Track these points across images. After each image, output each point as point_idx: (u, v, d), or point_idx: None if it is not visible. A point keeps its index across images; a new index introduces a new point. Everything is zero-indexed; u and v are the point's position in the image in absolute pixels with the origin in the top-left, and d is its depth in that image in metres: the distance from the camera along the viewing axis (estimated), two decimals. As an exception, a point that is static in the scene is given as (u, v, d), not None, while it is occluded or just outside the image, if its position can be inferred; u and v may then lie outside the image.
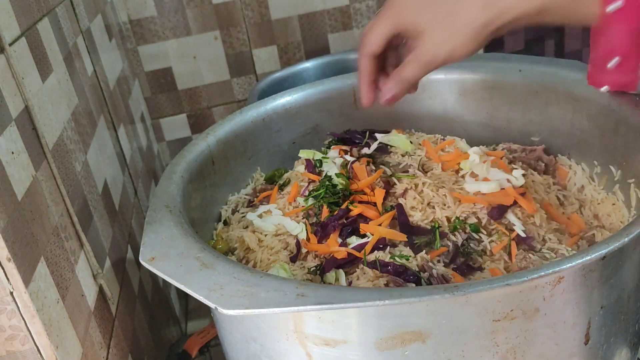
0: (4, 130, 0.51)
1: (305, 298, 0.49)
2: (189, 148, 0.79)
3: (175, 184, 0.71)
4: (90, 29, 0.95)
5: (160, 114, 1.39)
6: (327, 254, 0.67)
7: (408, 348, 0.53)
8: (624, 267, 0.56)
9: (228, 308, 0.50)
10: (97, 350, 0.62)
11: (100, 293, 0.67)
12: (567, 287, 0.53)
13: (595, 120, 0.76)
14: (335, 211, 0.71)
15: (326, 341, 0.55)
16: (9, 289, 0.48)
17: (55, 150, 0.63)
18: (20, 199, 0.51)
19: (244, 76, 1.39)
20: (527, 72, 0.84)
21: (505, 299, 0.52)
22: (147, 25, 1.31)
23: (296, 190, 0.77)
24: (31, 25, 0.65)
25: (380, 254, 0.64)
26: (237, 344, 0.64)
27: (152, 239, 0.60)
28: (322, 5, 1.35)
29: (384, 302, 0.48)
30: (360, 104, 0.72)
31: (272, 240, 0.72)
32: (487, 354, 0.54)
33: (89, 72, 0.86)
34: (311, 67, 1.25)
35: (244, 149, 0.86)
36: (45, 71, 0.66)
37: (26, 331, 0.50)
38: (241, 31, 1.35)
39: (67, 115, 0.70)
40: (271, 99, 0.89)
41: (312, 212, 0.74)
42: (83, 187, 0.70)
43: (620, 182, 0.73)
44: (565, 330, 0.55)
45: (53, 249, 0.56)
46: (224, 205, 0.83)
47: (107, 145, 0.87)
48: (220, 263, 0.55)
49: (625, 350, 0.62)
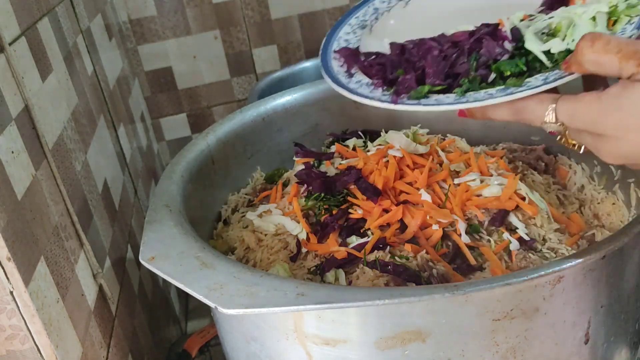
0: (4, 130, 0.51)
1: (305, 297, 0.49)
2: (189, 147, 0.79)
3: (175, 184, 0.71)
4: (90, 29, 0.95)
5: (160, 113, 1.39)
6: (327, 254, 0.67)
7: (408, 347, 0.53)
8: (624, 266, 0.56)
9: (228, 307, 0.50)
10: (97, 350, 0.62)
11: (100, 292, 0.67)
12: (567, 286, 0.53)
13: (595, 120, 0.76)
14: (335, 211, 0.71)
15: (326, 341, 0.55)
16: (8, 289, 0.48)
17: (55, 150, 0.63)
18: (20, 198, 0.51)
19: (244, 76, 1.39)
20: (527, 72, 0.84)
21: (505, 298, 0.52)
22: (147, 24, 1.31)
23: (296, 190, 0.77)
24: (31, 24, 0.65)
25: (380, 254, 0.64)
26: (237, 344, 0.64)
27: (152, 238, 0.60)
28: (322, 5, 1.35)
29: (384, 302, 0.48)
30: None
31: (272, 240, 0.72)
32: (487, 354, 0.54)
33: (89, 72, 0.86)
34: (311, 66, 1.25)
35: (243, 149, 0.86)
36: (45, 71, 0.66)
37: (26, 330, 0.50)
38: (241, 31, 1.35)
39: (67, 115, 0.70)
40: (271, 99, 0.89)
41: (312, 212, 0.74)
42: (83, 187, 0.70)
43: (620, 182, 0.73)
44: (565, 329, 0.55)
45: (53, 249, 0.56)
46: (224, 205, 0.83)
47: (107, 145, 0.87)
48: (220, 262, 0.55)
49: (625, 350, 0.62)
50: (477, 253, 0.66)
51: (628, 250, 0.56)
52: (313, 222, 0.72)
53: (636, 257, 0.58)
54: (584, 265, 0.51)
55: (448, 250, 0.65)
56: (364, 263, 0.64)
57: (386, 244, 0.65)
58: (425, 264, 0.63)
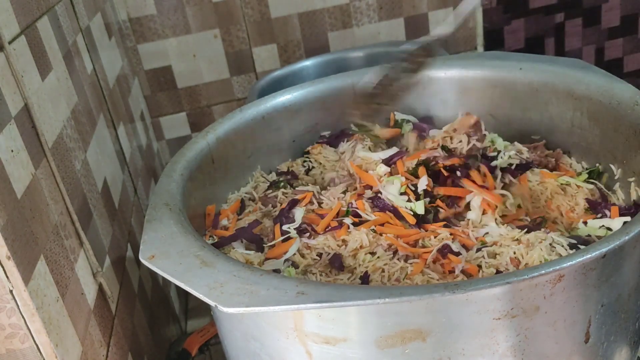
0: (4, 129, 0.51)
1: (305, 296, 0.49)
2: (189, 146, 0.79)
3: (175, 182, 0.71)
4: (90, 27, 0.95)
5: (160, 112, 1.39)
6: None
7: (408, 346, 0.53)
8: (625, 265, 0.56)
9: (228, 306, 0.50)
10: (96, 349, 0.62)
11: (100, 291, 0.67)
12: (568, 285, 0.53)
13: (596, 119, 0.76)
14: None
15: (326, 339, 0.55)
16: (8, 287, 0.48)
17: (55, 149, 0.63)
18: (19, 197, 0.51)
19: (244, 74, 1.39)
20: (527, 70, 0.84)
21: (505, 297, 0.52)
22: (146, 23, 1.31)
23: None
24: (31, 23, 0.65)
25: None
26: (237, 342, 0.64)
27: (152, 237, 0.60)
28: (322, 4, 1.35)
29: (384, 300, 0.48)
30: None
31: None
32: (487, 352, 0.54)
33: (88, 71, 0.86)
34: (311, 65, 1.25)
35: (243, 147, 0.86)
36: (44, 69, 0.66)
37: (26, 329, 0.50)
38: (241, 29, 1.35)
39: (67, 114, 0.70)
40: (271, 97, 0.89)
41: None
42: (83, 186, 0.70)
43: (620, 181, 0.73)
44: (565, 328, 0.55)
45: (53, 247, 0.56)
46: (224, 204, 0.83)
47: (107, 144, 0.87)
48: (221, 261, 0.55)
49: (625, 349, 0.62)
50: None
51: (628, 249, 0.56)
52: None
53: (636, 256, 0.58)
54: (584, 264, 0.51)
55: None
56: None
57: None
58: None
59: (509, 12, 1.45)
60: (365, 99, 0.76)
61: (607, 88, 0.74)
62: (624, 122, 0.71)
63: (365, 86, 0.76)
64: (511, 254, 0.63)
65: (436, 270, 0.63)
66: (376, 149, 0.85)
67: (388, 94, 0.75)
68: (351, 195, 0.76)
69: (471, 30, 1.44)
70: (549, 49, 1.50)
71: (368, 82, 0.75)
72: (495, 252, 0.64)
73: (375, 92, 0.75)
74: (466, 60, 0.90)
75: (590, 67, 0.80)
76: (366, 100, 0.75)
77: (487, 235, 0.67)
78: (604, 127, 0.75)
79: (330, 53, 1.30)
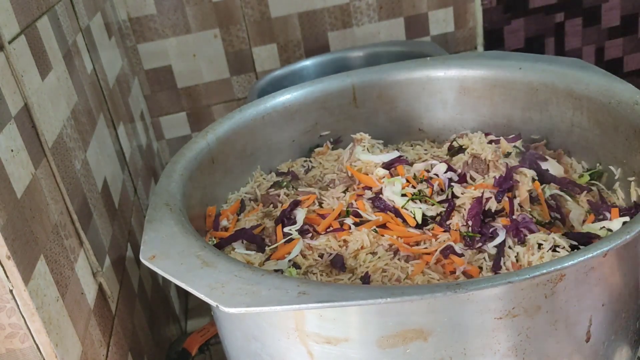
0: (4, 128, 0.51)
1: (307, 296, 0.49)
2: (189, 146, 0.79)
3: (175, 182, 0.71)
4: (90, 27, 0.94)
5: (159, 112, 1.39)
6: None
7: (409, 346, 0.53)
8: (626, 264, 0.56)
9: (229, 306, 0.49)
10: (96, 349, 0.62)
11: (100, 291, 0.67)
12: (569, 284, 0.53)
13: (596, 119, 0.76)
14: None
15: (327, 339, 0.55)
16: (8, 287, 0.48)
17: (55, 148, 0.63)
18: (19, 197, 0.51)
19: (244, 74, 1.39)
20: (527, 70, 0.84)
21: (506, 296, 0.52)
22: (146, 23, 1.31)
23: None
24: (30, 22, 0.65)
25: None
26: (238, 342, 0.64)
27: (152, 237, 0.60)
28: (322, 3, 1.34)
29: (386, 300, 0.48)
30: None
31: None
32: (488, 352, 0.54)
33: (88, 70, 0.86)
34: (311, 65, 1.25)
35: (243, 147, 0.86)
36: (44, 69, 0.66)
37: (26, 329, 0.50)
38: (241, 29, 1.35)
39: (67, 113, 0.70)
40: (271, 97, 0.89)
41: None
42: (83, 185, 0.70)
43: (620, 180, 0.73)
44: (566, 328, 0.55)
45: (53, 247, 0.56)
46: (224, 204, 0.83)
47: (107, 144, 0.87)
48: (222, 261, 0.55)
49: (626, 348, 0.62)
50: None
51: (629, 249, 0.56)
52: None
53: (637, 255, 0.58)
54: (585, 263, 0.51)
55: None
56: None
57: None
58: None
59: (509, 12, 1.45)
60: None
61: (607, 88, 0.74)
62: (624, 122, 0.71)
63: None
64: (512, 258, 0.63)
65: (437, 271, 0.63)
66: (374, 150, 0.85)
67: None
68: (350, 195, 0.76)
69: (471, 30, 1.44)
70: (549, 49, 1.50)
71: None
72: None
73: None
74: (466, 60, 0.90)
75: (590, 66, 0.80)
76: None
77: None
78: (604, 127, 0.75)
79: (330, 53, 1.29)
